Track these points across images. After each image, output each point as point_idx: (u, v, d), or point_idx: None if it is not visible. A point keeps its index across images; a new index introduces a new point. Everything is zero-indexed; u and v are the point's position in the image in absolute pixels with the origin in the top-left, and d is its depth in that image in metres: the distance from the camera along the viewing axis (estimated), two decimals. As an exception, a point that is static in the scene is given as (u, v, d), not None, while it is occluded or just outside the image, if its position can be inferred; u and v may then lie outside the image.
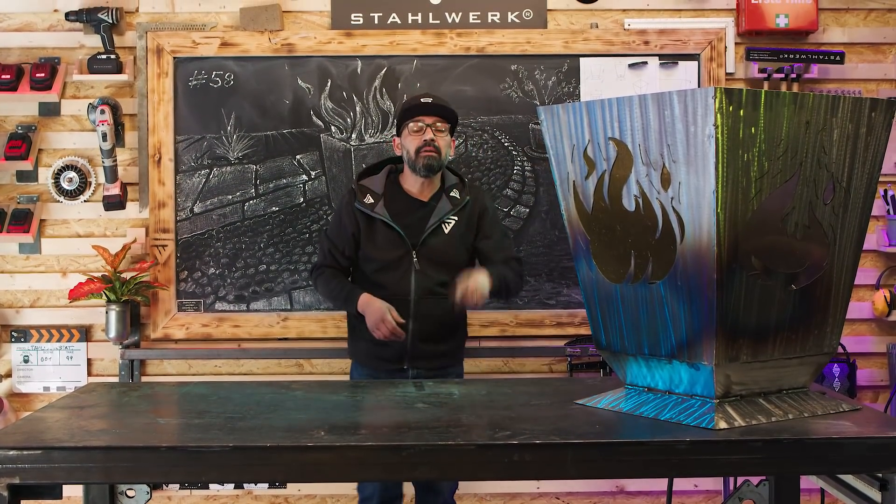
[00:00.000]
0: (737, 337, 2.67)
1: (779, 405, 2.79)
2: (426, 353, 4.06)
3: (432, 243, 4.05)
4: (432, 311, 4.04)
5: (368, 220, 4.06)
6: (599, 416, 2.88)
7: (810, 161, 2.69)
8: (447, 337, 4.15)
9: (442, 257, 4.05)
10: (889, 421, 2.94)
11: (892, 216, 4.90)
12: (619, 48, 4.90)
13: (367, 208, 4.05)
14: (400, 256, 4.03)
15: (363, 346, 4.12)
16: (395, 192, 4.13)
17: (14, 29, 4.91)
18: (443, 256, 4.05)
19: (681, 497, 4.95)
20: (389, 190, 4.12)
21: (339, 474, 2.81)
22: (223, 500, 4.96)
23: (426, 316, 4.03)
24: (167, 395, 3.47)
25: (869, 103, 2.77)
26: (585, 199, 2.92)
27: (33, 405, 4.85)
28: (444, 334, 4.12)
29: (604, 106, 2.79)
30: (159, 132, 4.85)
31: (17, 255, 4.93)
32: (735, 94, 2.52)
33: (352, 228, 4.09)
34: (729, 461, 2.60)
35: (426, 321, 4.03)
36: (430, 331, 4.05)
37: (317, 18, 4.93)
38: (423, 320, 4.02)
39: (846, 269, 2.87)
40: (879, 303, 4.92)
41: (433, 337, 4.07)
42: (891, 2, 4.99)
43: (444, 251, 4.06)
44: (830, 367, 4.74)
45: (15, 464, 2.52)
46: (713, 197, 2.55)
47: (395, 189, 4.14)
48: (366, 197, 4.08)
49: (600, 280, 2.93)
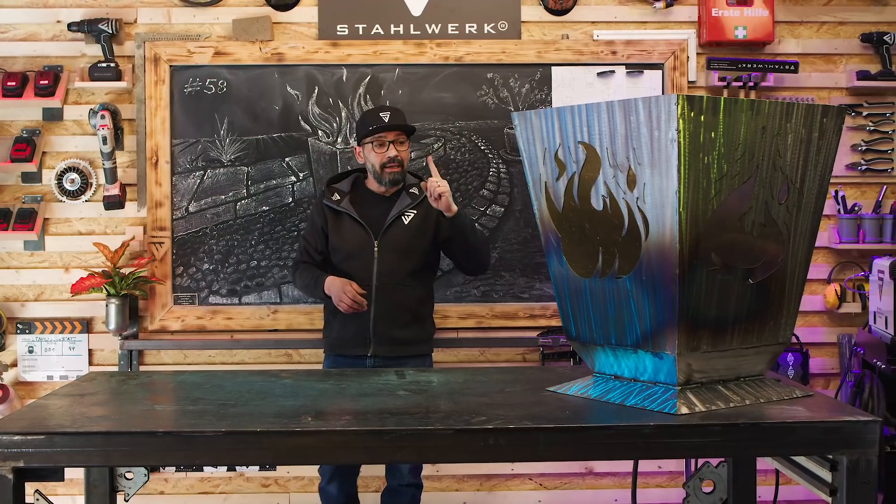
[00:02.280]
0: (697, 328, 2.68)
1: (737, 391, 2.80)
2: (387, 339, 4.13)
3: (393, 233, 4.15)
4: (393, 296, 4.13)
5: (336, 215, 4.20)
6: (569, 403, 2.88)
7: (766, 164, 2.69)
8: (409, 323, 4.20)
9: (402, 246, 4.15)
10: (839, 406, 2.95)
11: (842, 215, 4.92)
12: (589, 58, 4.90)
13: (334, 204, 4.19)
14: (363, 246, 4.14)
15: (333, 335, 4.25)
16: (360, 191, 4.27)
17: (19, 38, 4.89)
18: (403, 245, 4.15)
19: (645, 477, 4.96)
20: (355, 189, 4.27)
21: (326, 457, 2.81)
22: (216, 482, 4.95)
23: (387, 300, 4.12)
24: (164, 383, 3.46)
25: (821, 110, 2.78)
26: (556, 199, 2.92)
27: (37, 393, 4.82)
28: (406, 320, 4.18)
29: (574, 112, 2.78)
30: (156, 136, 4.83)
31: (23, 251, 4.90)
32: (696, 100, 2.52)
33: (321, 222, 4.24)
34: (690, 444, 2.61)
35: (387, 305, 4.12)
36: (392, 315, 4.13)
37: (305, 29, 4.92)
38: (385, 304, 4.11)
39: (800, 264, 2.88)
40: (830, 296, 4.94)
41: (395, 322, 4.14)
42: (841, 16, 5.01)
43: (403, 240, 4.15)
44: (785, 356, 4.76)
45: (20, 448, 2.50)
46: (675, 197, 2.55)
47: (361, 188, 4.28)
48: (333, 195, 4.23)
49: (570, 275, 2.93)
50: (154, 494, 4.91)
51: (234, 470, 4.94)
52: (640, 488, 4.83)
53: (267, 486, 4.95)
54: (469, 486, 4.92)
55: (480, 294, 4.89)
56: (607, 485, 5.00)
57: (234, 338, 4.87)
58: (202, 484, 4.95)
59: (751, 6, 4.85)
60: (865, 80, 4.92)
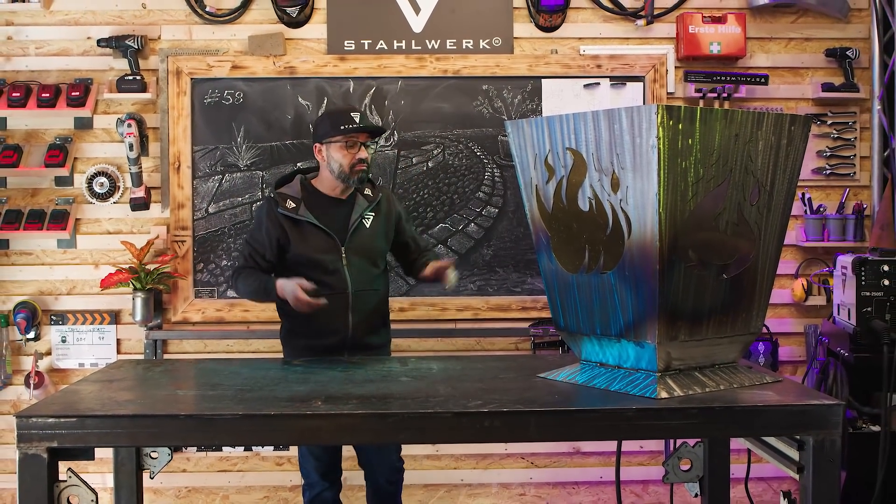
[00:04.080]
0: (676, 319, 2.68)
1: (712, 378, 2.80)
2: (364, 345, 3.81)
3: (357, 238, 3.78)
4: (368, 303, 3.81)
5: (294, 224, 3.73)
6: (559, 388, 2.88)
7: (739, 168, 2.69)
8: (380, 328, 3.94)
9: (368, 251, 3.80)
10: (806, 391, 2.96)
11: (808, 215, 4.92)
12: (576, 71, 4.90)
13: (291, 212, 3.72)
14: (331, 254, 3.73)
15: (301, 343, 3.83)
16: (312, 195, 3.81)
17: (53, 54, 4.88)
18: (368, 250, 3.81)
19: (628, 457, 4.95)
20: (306, 194, 3.81)
21: (335, 438, 2.82)
22: (234, 461, 4.95)
23: (362, 309, 3.78)
24: (185, 370, 3.46)
25: (789, 119, 2.78)
26: (546, 200, 2.92)
27: (70, 379, 4.82)
28: (377, 325, 3.91)
29: (562, 120, 2.78)
30: (178, 143, 4.82)
31: (56, 249, 4.90)
32: (675, 110, 2.52)
33: (276, 233, 3.73)
34: (669, 426, 2.61)
35: (363, 314, 3.79)
36: (367, 322, 3.81)
37: (315, 45, 4.91)
38: (361, 313, 3.78)
39: (770, 260, 2.89)
40: (798, 290, 4.94)
41: (370, 328, 3.84)
42: (808, 33, 5.01)
43: (368, 245, 3.81)
44: (756, 345, 4.75)
45: (54, 430, 2.51)
46: (656, 199, 2.55)
47: (312, 192, 3.83)
48: (286, 202, 3.74)
49: (559, 270, 2.93)
50: (177, 472, 4.91)
51: (251, 450, 4.94)
52: (624, 466, 4.83)
53: (281, 464, 4.95)
54: (466, 464, 4.92)
55: (476, 288, 4.88)
56: (593, 463, 5.00)
57: (250, 328, 4.87)
58: (221, 462, 4.95)
59: (724, 24, 4.85)
60: (830, 91, 4.92)
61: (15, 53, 4.89)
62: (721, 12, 4.89)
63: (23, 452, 2.51)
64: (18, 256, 4.90)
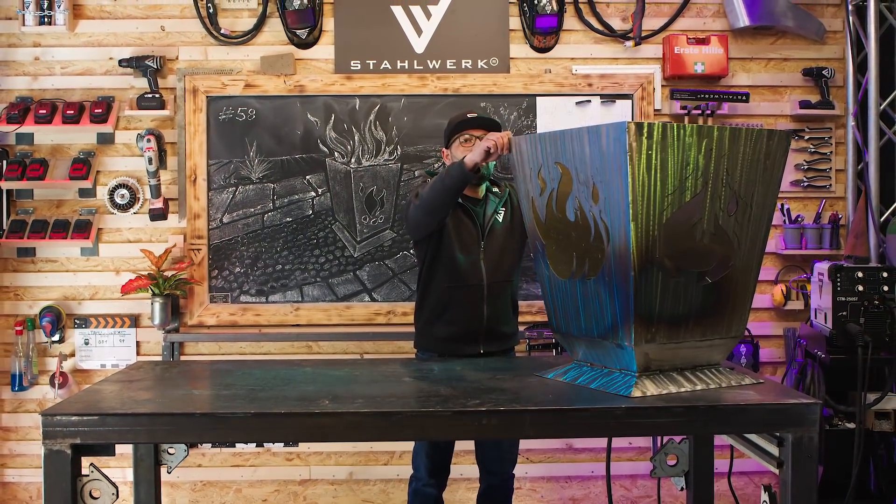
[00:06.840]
0: (652, 323, 2.68)
1: (692, 378, 2.80)
2: (498, 335, 3.81)
3: (494, 232, 3.78)
4: (501, 294, 3.79)
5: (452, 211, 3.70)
6: (553, 388, 2.88)
7: (715, 181, 2.69)
8: (511, 319, 3.90)
9: (501, 244, 3.79)
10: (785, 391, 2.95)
11: (787, 225, 4.92)
12: (568, 89, 4.90)
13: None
14: (472, 244, 3.73)
15: (436, 335, 3.80)
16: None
17: (77, 73, 4.89)
18: (502, 244, 3.79)
19: (618, 452, 4.95)
20: None
21: (341, 435, 2.81)
22: (247, 456, 4.94)
23: (497, 299, 3.77)
24: (201, 371, 3.46)
25: (767, 134, 2.78)
26: (540, 211, 2.92)
27: (92, 379, 4.82)
28: (509, 316, 3.87)
29: (551, 137, 2.80)
30: (195, 157, 4.83)
31: (79, 257, 4.90)
32: (646, 126, 2.53)
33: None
34: (656, 423, 2.61)
35: (497, 304, 3.77)
36: (500, 313, 3.79)
37: (323, 65, 4.92)
38: (494, 303, 3.76)
39: (751, 268, 2.89)
40: (777, 295, 4.94)
41: (502, 319, 3.81)
42: (786, 53, 5.02)
43: (503, 239, 3.79)
44: (738, 347, 4.75)
45: (77, 427, 2.51)
46: (629, 209, 2.56)
47: None
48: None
49: (553, 276, 2.94)
50: (193, 467, 4.90)
51: (262, 446, 4.94)
52: (614, 462, 4.83)
53: (290, 460, 4.95)
54: (465, 460, 4.90)
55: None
56: (585, 459, 5.00)
57: (262, 332, 4.87)
58: (234, 458, 4.95)
59: (708, 45, 4.86)
60: (807, 108, 4.93)
61: (42, 73, 4.90)
62: (705, 34, 4.90)
63: (48, 448, 2.51)
64: (44, 263, 4.90)
